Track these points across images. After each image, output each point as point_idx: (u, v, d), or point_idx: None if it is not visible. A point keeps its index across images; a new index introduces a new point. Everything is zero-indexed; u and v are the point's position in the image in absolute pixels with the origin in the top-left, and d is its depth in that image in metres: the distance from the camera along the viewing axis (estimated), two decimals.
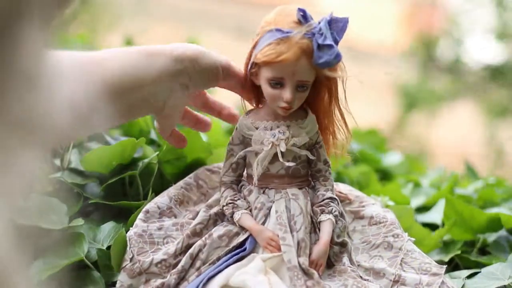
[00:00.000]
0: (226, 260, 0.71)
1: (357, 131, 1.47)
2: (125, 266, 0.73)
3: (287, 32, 0.69)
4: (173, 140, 0.85)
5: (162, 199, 0.80)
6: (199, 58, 0.76)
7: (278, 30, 0.70)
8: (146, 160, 0.88)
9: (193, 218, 0.77)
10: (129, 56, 0.74)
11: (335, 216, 0.75)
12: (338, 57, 0.69)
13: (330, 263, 0.74)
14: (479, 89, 4.53)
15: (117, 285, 0.72)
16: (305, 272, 0.69)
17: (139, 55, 0.74)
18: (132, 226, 0.76)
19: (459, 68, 4.74)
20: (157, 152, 0.89)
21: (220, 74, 0.78)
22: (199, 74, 0.77)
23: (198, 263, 0.72)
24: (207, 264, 0.72)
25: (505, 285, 0.78)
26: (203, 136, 0.93)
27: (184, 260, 0.72)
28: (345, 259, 0.74)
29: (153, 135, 1.01)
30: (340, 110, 0.76)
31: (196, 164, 0.90)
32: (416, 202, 1.11)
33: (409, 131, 4.43)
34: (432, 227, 1.00)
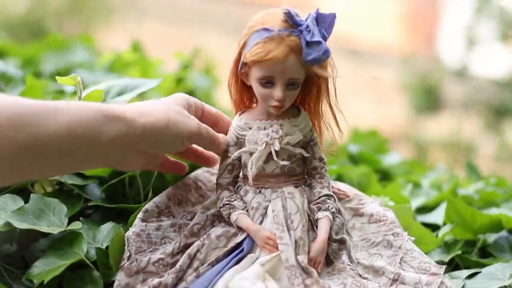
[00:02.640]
0: (226, 264, 0.71)
1: (357, 132, 1.47)
2: (123, 265, 0.73)
3: (275, 31, 0.70)
4: (169, 170, 0.81)
5: (161, 199, 0.80)
6: (164, 129, 0.70)
7: (265, 29, 0.70)
8: None
9: (191, 220, 0.77)
10: (83, 114, 0.65)
11: (332, 213, 0.75)
12: (326, 53, 0.70)
13: (329, 261, 0.74)
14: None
15: (115, 284, 0.72)
16: (304, 270, 0.69)
17: (96, 115, 0.65)
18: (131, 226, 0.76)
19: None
20: None
21: (183, 145, 0.73)
22: (161, 144, 0.71)
23: (196, 263, 0.72)
24: (205, 265, 0.72)
25: (505, 286, 0.78)
26: None
27: (182, 260, 0.72)
28: (344, 257, 0.74)
29: None
30: (331, 108, 0.76)
31: (196, 165, 0.90)
32: (417, 202, 1.10)
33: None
34: (433, 227, 1.00)
